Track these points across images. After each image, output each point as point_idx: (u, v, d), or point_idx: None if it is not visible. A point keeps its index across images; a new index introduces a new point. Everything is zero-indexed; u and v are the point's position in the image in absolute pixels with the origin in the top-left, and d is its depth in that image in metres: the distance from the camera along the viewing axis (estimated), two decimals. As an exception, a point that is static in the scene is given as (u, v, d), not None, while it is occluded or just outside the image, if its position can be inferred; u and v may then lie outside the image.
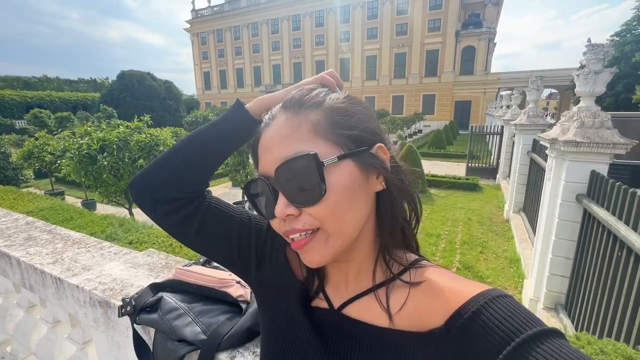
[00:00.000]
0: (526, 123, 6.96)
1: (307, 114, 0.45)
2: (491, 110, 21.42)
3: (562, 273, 3.76)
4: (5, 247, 1.33)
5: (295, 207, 0.43)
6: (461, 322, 0.40)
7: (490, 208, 8.36)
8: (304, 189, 0.42)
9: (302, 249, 0.45)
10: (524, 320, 0.37)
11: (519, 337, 0.36)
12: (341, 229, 0.44)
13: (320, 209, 0.42)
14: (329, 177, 0.42)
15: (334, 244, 0.44)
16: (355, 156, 0.44)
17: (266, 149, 0.46)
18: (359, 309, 0.50)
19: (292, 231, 0.44)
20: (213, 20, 48.06)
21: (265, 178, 0.45)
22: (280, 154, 0.43)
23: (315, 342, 0.51)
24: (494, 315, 0.38)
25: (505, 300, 0.40)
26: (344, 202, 0.43)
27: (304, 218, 0.43)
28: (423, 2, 33.54)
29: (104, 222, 3.56)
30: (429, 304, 0.45)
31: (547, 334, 0.36)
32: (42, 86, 61.92)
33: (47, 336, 1.36)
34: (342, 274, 0.52)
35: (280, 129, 0.45)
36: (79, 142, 5.95)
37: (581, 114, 3.49)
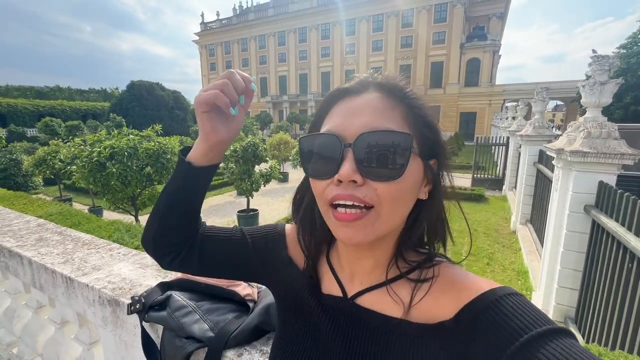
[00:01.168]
0: (532, 134, 6.93)
1: (402, 102, 0.45)
2: (497, 121, 21.40)
3: (571, 285, 3.68)
4: (17, 247, 1.35)
5: (361, 176, 0.42)
6: (471, 316, 0.41)
7: (497, 219, 8.27)
8: (385, 164, 0.42)
9: (350, 223, 0.43)
10: (534, 318, 0.37)
11: (527, 334, 0.36)
12: (391, 217, 0.44)
13: (388, 188, 0.42)
14: (409, 164, 0.43)
15: (380, 228, 0.44)
16: (426, 159, 0.46)
17: (353, 113, 0.45)
18: (371, 300, 0.51)
19: (350, 197, 0.42)
20: (221, 33, 49.22)
21: (338, 137, 0.44)
22: (371, 122, 0.43)
23: (327, 327, 0.52)
24: (504, 312, 0.39)
25: (516, 297, 0.40)
26: (405, 193, 0.44)
27: (366, 190, 0.42)
28: (428, 15, 34.05)
29: (111, 227, 3.59)
30: (440, 298, 0.46)
31: (557, 332, 0.36)
32: (55, 95, 63.47)
33: (54, 337, 1.37)
34: (360, 265, 0.52)
35: (373, 101, 0.45)
36: (90, 150, 6.07)
37: (587, 125, 3.48)
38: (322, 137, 0.46)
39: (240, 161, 7.96)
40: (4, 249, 1.39)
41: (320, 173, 0.45)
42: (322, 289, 0.56)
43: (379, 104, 0.44)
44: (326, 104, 0.49)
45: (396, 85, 0.46)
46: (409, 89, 0.47)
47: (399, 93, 0.46)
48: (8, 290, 1.62)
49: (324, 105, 0.50)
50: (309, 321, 0.55)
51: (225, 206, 10.17)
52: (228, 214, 9.26)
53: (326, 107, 0.49)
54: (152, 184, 6.81)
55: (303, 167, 0.49)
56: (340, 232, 0.45)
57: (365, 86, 0.47)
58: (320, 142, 0.46)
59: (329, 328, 0.52)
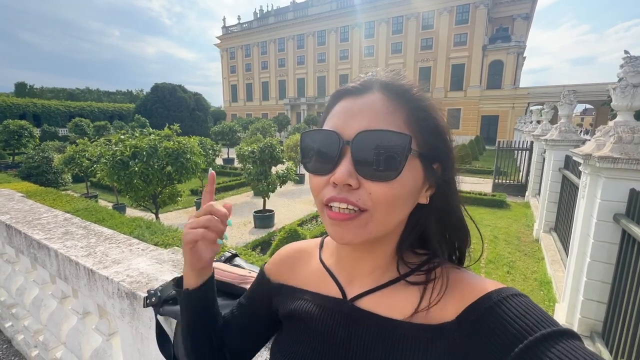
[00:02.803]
0: (558, 138, 6.66)
1: (403, 104, 0.44)
2: (520, 125, 20.69)
3: (599, 298, 3.49)
4: (46, 239, 1.43)
5: (356, 180, 0.42)
6: (474, 317, 0.40)
7: (519, 226, 7.98)
8: (381, 164, 0.41)
9: (342, 222, 0.43)
10: (539, 319, 0.37)
11: (532, 336, 0.35)
12: (385, 220, 0.44)
13: (382, 189, 0.42)
14: (406, 167, 0.42)
15: (372, 230, 0.44)
16: (426, 162, 0.45)
17: (353, 114, 0.45)
18: (372, 302, 0.50)
19: (343, 200, 0.42)
20: (242, 36, 50.26)
21: (338, 135, 0.44)
22: (370, 123, 0.43)
23: (327, 329, 0.52)
24: (508, 313, 0.38)
25: (520, 299, 0.40)
26: (401, 197, 0.43)
27: (360, 193, 0.42)
28: (449, 17, 33.45)
29: (132, 224, 3.73)
30: (442, 299, 0.45)
31: (562, 334, 0.35)
32: (84, 97, 66.73)
33: (76, 327, 1.44)
34: (359, 267, 0.52)
35: (375, 103, 0.44)
36: (113, 149, 6.33)
37: (618, 129, 3.31)
38: (322, 133, 0.46)
39: (257, 162, 8.08)
40: (33, 240, 1.47)
41: (318, 169, 0.46)
42: (321, 292, 0.56)
43: (381, 105, 0.44)
44: (330, 103, 0.50)
45: (400, 86, 0.45)
46: (415, 90, 0.46)
47: (402, 94, 0.45)
48: (36, 280, 1.71)
49: (328, 104, 0.50)
50: (308, 324, 0.54)
51: (242, 206, 10.33)
52: (244, 214, 9.39)
53: (330, 106, 0.49)
54: (172, 182, 7.01)
55: (302, 161, 0.49)
56: (332, 230, 0.45)
57: (368, 86, 0.46)
58: (320, 138, 0.46)
59: (329, 330, 0.52)
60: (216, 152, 10.72)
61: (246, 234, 7.77)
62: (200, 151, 7.41)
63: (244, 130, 23.20)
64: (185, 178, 6.92)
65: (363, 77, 0.49)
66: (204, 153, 8.51)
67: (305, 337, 0.54)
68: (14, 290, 1.93)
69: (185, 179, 6.97)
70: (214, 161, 10.75)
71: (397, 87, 0.45)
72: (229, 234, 6.95)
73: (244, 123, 28.03)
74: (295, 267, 0.62)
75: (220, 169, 15.96)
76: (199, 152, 7.23)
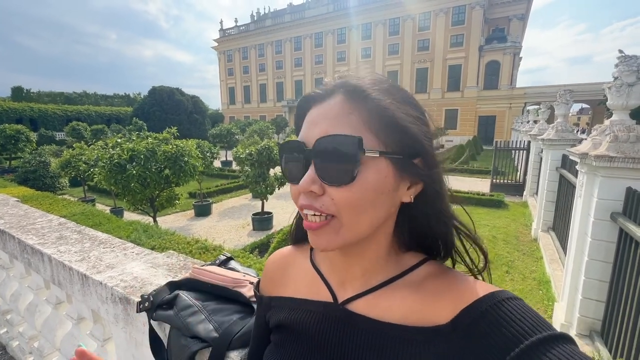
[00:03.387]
0: (555, 138, 6.69)
1: (363, 104, 0.43)
2: (517, 125, 20.78)
3: (597, 297, 3.50)
4: (39, 244, 1.41)
5: (320, 186, 0.43)
6: (469, 320, 0.40)
7: (517, 226, 7.99)
8: (336, 168, 0.42)
9: (314, 231, 0.45)
10: (534, 323, 0.37)
11: (528, 340, 0.35)
12: (355, 224, 0.44)
13: (342, 194, 0.42)
14: (365, 169, 0.42)
15: (345, 235, 0.44)
16: (396, 160, 0.43)
17: (313, 122, 0.45)
18: (363, 305, 0.50)
19: (309, 207, 0.44)
20: (239, 39, 50.29)
21: (303, 145, 0.45)
22: (328, 128, 0.43)
23: (318, 333, 0.51)
24: (503, 317, 0.38)
25: (515, 302, 0.40)
26: (367, 199, 0.42)
27: (324, 200, 0.43)
28: (445, 18, 33.60)
29: (129, 227, 3.72)
30: (436, 301, 0.45)
31: (558, 338, 0.35)
32: (82, 101, 66.59)
33: (71, 332, 1.42)
34: (349, 271, 0.52)
35: (332, 108, 0.44)
36: (111, 152, 6.31)
37: (614, 128, 3.32)
38: (292, 143, 0.47)
39: (255, 164, 8.06)
40: (27, 246, 1.46)
41: (292, 178, 0.47)
42: (311, 297, 0.55)
43: (338, 109, 0.44)
44: (299, 114, 0.50)
45: (357, 86, 0.44)
46: (375, 88, 0.44)
47: (361, 94, 0.44)
48: (31, 286, 1.69)
49: (297, 115, 0.51)
50: (297, 331, 0.54)
51: (240, 209, 10.30)
52: (243, 216, 9.37)
53: (300, 116, 0.50)
54: (169, 185, 6.99)
55: (282, 172, 0.50)
56: (310, 239, 0.46)
57: (330, 92, 0.46)
58: (291, 148, 0.47)
59: (319, 335, 0.51)
60: (214, 155, 10.70)
61: (244, 237, 7.75)
62: (198, 154, 7.39)
63: (241, 133, 23.19)
64: (183, 181, 6.90)
65: (328, 81, 0.48)
66: (202, 156, 8.48)
67: (294, 345, 0.54)
68: (8, 296, 1.91)
69: (183, 182, 6.96)
70: (211, 164, 10.73)
71: (355, 87, 0.44)
72: (228, 237, 6.91)
73: (241, 125, 28.00)
74: (285, 274, 0.61)
75: (219, 172, 15.93)
76: (196, 155, 7.21)
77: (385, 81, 0.47)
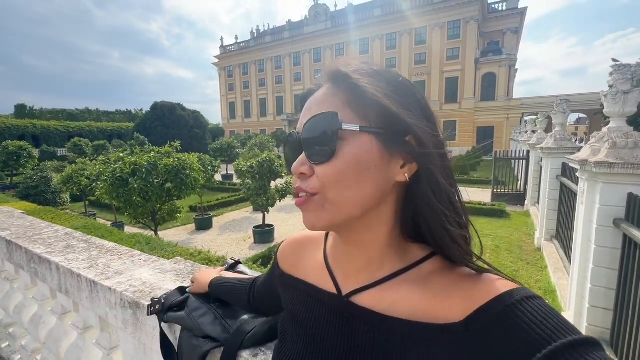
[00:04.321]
0: (553, 146, 6.74)
1: (346, 87, 0.45)
2: (516, 135, 20.94)
3: (604, 305, 3.45)
4: (47, 253, 1.42)
5: (309, 167, 0.45)
6: (485, 320, 0.37)
7: (520, 235, 7.94)
8: (318, 146, 0.44)
9: (301, 207, 0.46)
10: (558, 326, 0.34)
11: (552, 345, 0.32)
12: (340, 200, 0.43)
13: (325, 169, 0.43)
14: (345, 144, 0.42)
15: (331, 210, 0.44)
16: (381, 135, 0.42)
17: (305, 109, 0.49)
18: (368, 298, 0.48)
19: (298, 189, 0.46)
20: (239, 55, 51.33)
21: (297, 132, 0.48)
22: (313, 113, 0.46)
23: (321, 326, 0.51)
24: (523, 318, 0.35)
25: (537, 302, 0.37)
26: (350, 174, 0.42)
27: (312, 180, 0.45)
28: (441, 32, 34.40)
29: (132, 240, 3.71)
30: (447, 297, 0.42)
31: (584, 343, 0.33)
32: (84, 117, 67.34)
33: (76, 343, 1.41)
34: (352, 262, 0.51)
35: (319, 95, 0.48)
36: (113, 167, 6.36)
37: (612, 135, 3.36)
38: (289, 135, 0.50)
39: (256, 177, 8.09)
40: (34, 255, 1.46)
41: (288, 165, 0.50)
42: (318, 285, 0.56)
43: (324, 95, 0.47)
44: (300, 108, 0.52)
45: (341, 71, 0.46)
46: (358, 71, 0.45)
47: (344, 79, 0.45)
48: (36, 296, 1.69)
49: (300, 108, 0.53)
50: (304, 322, 0.54)
51: (241, 222, 10.27)
52: (244, 229, 9.33)
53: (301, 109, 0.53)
54: (171, 199, 7.00)
55: (286, 164, 0.52)
56: (303, 218, 0.47)
57: (320, 83, 0.49)
58: (289, 140, 0.51)
59: (322, 328, 0.51)
60: (215, 169, 10.75)
61: (246, 250, 7.70)
62: (199, 167, 7.43)
63: (242, 146, 23.35)
64: (185, 194, 6.92)
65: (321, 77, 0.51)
66: (203, 169, 8.53)
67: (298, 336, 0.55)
68: (12, 308, 1.90)
69: (185, 195, 6.97)
70: (213, 177, 10.77)
71: (339, 72, 0.46)
72: (229, 250, 6.84)
73: (242, 139, 28.23)
74: (301, 256, 0.63)
75: (220, 185, 15.96)
76: (198, 169, 7.25)
77: (371, 65, 0.47)
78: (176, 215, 7.52)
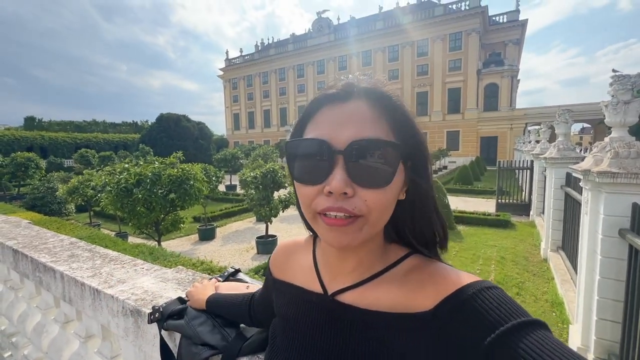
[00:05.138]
0: (557, 156, 6.72)
1: (388, 112, 0.46)
2: (519, 145, 20.91)
3: (612, 318, 3.38)
4: (52, 262, 1.45)
5: (352, 188, 0.43)
6: (449, 308, 0.42)
7: (525, 246, 7.84)
8: (375, 172, 0.43)
9: (340, 228, 0.44)
10: (511, 310, 0.39)
11: (503, 326, 0.37)
12: (378, 222, 0.46)
13: (376, 196, 0.44)
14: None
15: (367, 232, 0.46)
16: (408, 163, 0.48)
17: (341, 122, 0.45)
18: (353, 297, 0.52)
19: (339, 209, 0.43)
20: (244, 67, 52.26)
21: (328, 144, 0.44)
22: (360, 131, 0.44)
23: (307, 324, 0.55)
24: (482, 305, 0.40)
25: (494, 291, 0.42)
26: (393, 199, 0.46)
27: (356, 201, 0.43)
28: (443, 44, 34.82)
29: (135, 250, 3.73)
30: (420, 291, 0.47)
31: (532, 324, 0.37)
32: (91, 129, 68.43)
33: (78, 352, 1.42)
34: (342, 266, 0.54)
35: (359, 111, 0.46)
36: (118, 177, 6.44)
37: (614, 144, 3.36)
38: (312, 142, 0.46)
39: (259, 187, 8.13)
40: (39, 264, 1.49)
41: (309, 179, 0.46)
42: (306, 286, 0.59)
43: (367, 113, 0.45)
44: (311, 109, 0.50)
45: (382, 93, 0.47)
46: (395, 97, 0.48)
47: (385, 101, 0.47)
48: (39, 305, 1.70)
49: (309, 109, 0.50)
50: (293, 322, 0.57)
51: (244, 232, 10.26)
52: (247, 240, 9.32)
53: (311, 111, 0.50)
54: (175, 209, 7.04)
55: (289, 171, 0.49)
56: (329, 236, 0.45)
57: (351, 93, 0.47)
58: (309, 147, 0.46)
59: (311, 325, 0.54)
60: (219, 179, 10.82)
61: (248, 260, 7.68)
62: (203, 178, 7.50)
63: (246, 157, 23.53)
64: (189, 204, 6.96)
65: (343, 81, 0.49)
66: (207, 180, 8.59)
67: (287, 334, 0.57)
68: (15, 317, 1.92)
69: (189, 205, 7.01)
70: (216, 187, 10.82)
71: (379, 94, 0.47)
72: (232, 260, 6.82)
73: (246, 150, 28.45)
74: (291, 261, 0.65)
75: (223, 196, 16.02)
76: (202, 179, 7.31)
77: (393, 91, 0.50)
78: (179, 225, 7.55)
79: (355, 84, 0.48)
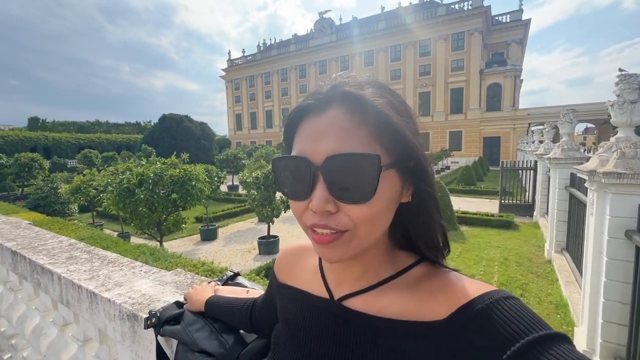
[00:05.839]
0: (561, 157, 6.65)
1: (370, 118, 0.42)
2: (522, 145, 20.80)
3: (619, 320, 3.33)
4: (50, 264, 1.43)
5: (334, 204, 0.42)
6: (465, 318, 0.40)
7: (529, 247, 7.77)
8: (354, 187, 0.41)
9: (326, 245, 0.44)
10: (531, 322, 0.37)
11: (524, 339, 0.35)
12: (368, 235, 0.44)
13: (360, 211, 0.41)
14: (380, 184, 0.41)
15: (357, 245, 0.44)
16: (402, 168, 0.44)
17: (317, 135, 0.43)
18: (360, 303, 0.50)
19: (324, 227, 0.43)
20: (246, 68, 52.39)
21: (308, 160, 0.43)
22: (337, 145, 0.41)
23: (314, 329, 0.53)
24: (500, 316, 0.38)
25: (512, 301, 0.39)
26: (382, 210, 0.43)
27: (340, 217, 0.42)
28: (445, 44, 34.72)
29: (136, 250, 3.72)
30: (432, 300, 0.45)
31: (554, 338, 0.35)
32: (94, 129, 68.84)
33: (76, 355, 1.40)
34: (348, 272, 0.53)
35: (337, 121, 0.43)
36: (120, 177, 6.45)
37: (620, 145, 3.31)
38: (293, 159, 0.45)
39: (261, 188, 8.12)
40: (37, 265, 1.47)
41: (295, 195, 0.45)
42: (312, 291, 0.57)
43: (344, 123, 0.42)
44: (291, 123, 0.48)
45: (360, 97, 0.43)
46: (376, 98, 0.43)
47: (364, 106, 0.42)
48: (38, 307, 1.69)
49: (289, 125, 0.49)
50: (297, 327, 0.56)
51: (246, 233, 10.26)
52: (249, 240, 9.31)
53: (292, 127, 0.48)
54: (177, 209, 7.04)
55: (279, 187, 0.48)
56: (320, 252, 0.46)
57: (327, 101, 0.44)
58: (291, 164, 0.45)
59: (315, 330, 0.53)
60: (221, 179, 10.82)
61: (250, 261, 7.66)
62: (205, 178, 7.50)
63: (248, 157, 23.56)
64: (190, 205, 6.96)
65: (320, 89, 0.46)
66: (209, 180, 8.60)
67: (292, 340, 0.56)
68: (15, 319, 1.90)
69: (190, 206, 7.01)
70: (218, 188, 10.83)
71: (357, 98, 0.43)
72: (234, 261, 6.82)
73: (248, 150, 28.49)
74: (296, 265, 0.63)
75: (225, 196, 16.03)
76: (203, 179, 7.31)
77: (381, 87, 0.46)
78: (181, 225, 7.56)
79: (333, 90, 0.45)
